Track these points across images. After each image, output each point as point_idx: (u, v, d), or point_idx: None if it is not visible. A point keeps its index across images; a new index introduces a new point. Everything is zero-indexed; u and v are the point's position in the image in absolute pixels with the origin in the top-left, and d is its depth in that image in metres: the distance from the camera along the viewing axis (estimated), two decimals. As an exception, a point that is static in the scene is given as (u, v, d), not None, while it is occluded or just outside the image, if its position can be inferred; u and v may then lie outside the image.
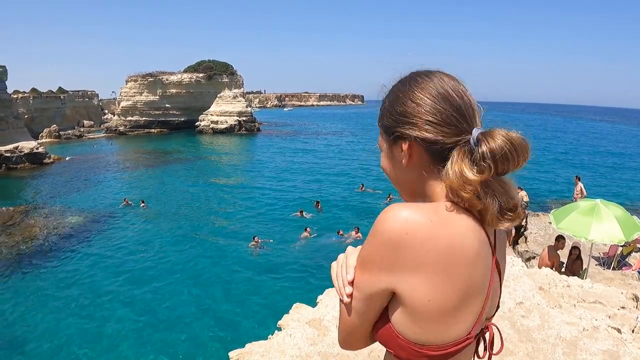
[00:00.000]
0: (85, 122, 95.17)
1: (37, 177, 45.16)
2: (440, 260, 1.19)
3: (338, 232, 22.75)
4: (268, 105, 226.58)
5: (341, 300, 1.35)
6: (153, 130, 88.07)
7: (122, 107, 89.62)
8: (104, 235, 25.31)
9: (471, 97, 1.34)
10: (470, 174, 1.21)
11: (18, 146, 50.70)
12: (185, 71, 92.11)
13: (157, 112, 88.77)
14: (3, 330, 15.78)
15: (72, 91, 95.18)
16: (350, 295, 1.31)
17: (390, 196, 29.04)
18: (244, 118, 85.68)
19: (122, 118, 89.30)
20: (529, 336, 5.08)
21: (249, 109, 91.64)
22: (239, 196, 33.89)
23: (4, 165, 48.82)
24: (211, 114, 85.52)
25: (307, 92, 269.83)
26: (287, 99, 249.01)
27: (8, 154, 49.38)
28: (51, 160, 52.83)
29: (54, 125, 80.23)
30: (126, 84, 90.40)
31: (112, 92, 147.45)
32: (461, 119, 1.28)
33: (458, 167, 1.22)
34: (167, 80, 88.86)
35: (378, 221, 1.24)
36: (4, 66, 52.38)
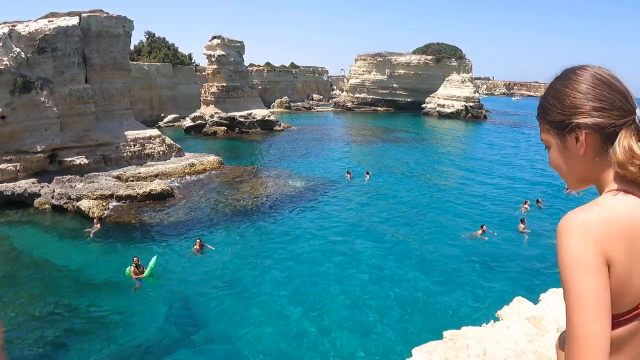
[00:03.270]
0: (314, 95, 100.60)
1: (266, 141, 47.92)
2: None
3: None
4: (495, 93, 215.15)
5: None
6: (379, 108, 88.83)
7: (350, 84, 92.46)
8: (323, 204, 24.50)
9: (623, 80, 1.47)
10: (638, 149, 1.39)
11: (251, 113, 54.66)
12: (414, 53, 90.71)
13: (384, 91, 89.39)
14: (217, 269, 16.13)
15: (303, 67, 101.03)
16: None
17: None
18: (471, 104, 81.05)
19: (350, 94, 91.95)
20: None
21: (476, 94, 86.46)
22: (461, 182, 30.69)
23: (237, 128, 53.15)
24: (438, 97, 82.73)
25: (537, 82, 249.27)
26: (515, 87, 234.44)
27: (242, 119, 53.56)
28: (281, 128, 55.98)
29: (285, 97, 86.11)
30: (355, 62, 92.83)
31: (341, 69, 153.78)
32: (625, 101, 1.44)
33: (627, 142, 1.40)
34: (395, 60, 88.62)
35: None
36: (242, 41, 56.55)
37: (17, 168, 24.48)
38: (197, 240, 17.77)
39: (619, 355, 1.42)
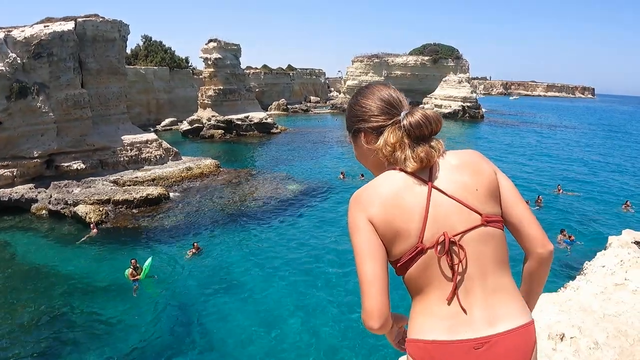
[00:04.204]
0: (311, 97, 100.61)
1: (263, 144, 47.93)
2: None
3: (562, 232, 19.00)
4: (493, 93, 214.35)
5: None
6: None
7: (347, 85, 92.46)
8: (319, 205, 24.58)
9: (399, 94, 2.02)
10: (391, 139, 1.89)
11: (249, 116, 54.54)
12: (410, 54, 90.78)
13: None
14: (214, 273, 15.84)
15: (300, 69, 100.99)
16: None
17: (628, 202, 24.86)
18: (469, 104, 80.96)
19: (348, 96, 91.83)
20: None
21: (474, 94, 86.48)
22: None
23: (234, 131, 52.99)
24: (435, 97, 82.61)
25: (534, 81, 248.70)
26: (512, 87, 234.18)
27: (239, 122, 53.42)
28: (278, 130, 55.91)
29: (283, 99, 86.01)
30: (352, 64, 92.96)
31: (339, 71, 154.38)
32: (392, 108, 1.96)
33: (386, 136, 1.91)
34: (392, 62, 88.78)
35: None
36: (238, 44, 56.48)
37: (14, 173, 24.48)
38: (194, 244, 17.82)
39: (429, 289, 1.87)
